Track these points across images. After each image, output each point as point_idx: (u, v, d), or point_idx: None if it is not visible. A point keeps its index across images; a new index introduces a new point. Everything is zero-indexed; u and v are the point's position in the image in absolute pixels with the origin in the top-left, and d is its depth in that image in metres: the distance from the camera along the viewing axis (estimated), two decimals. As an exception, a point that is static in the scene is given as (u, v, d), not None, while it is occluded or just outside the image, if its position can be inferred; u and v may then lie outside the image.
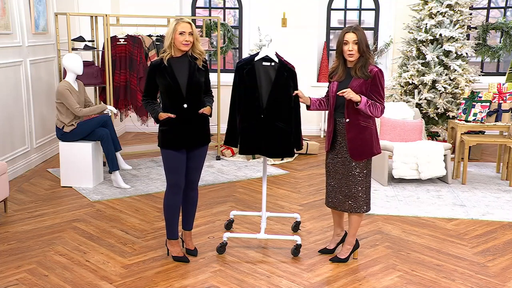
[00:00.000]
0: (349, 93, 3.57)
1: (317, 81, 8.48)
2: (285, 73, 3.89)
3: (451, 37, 7.04)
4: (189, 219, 4.02)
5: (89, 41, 6.44)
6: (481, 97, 6.05)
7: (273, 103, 3.89)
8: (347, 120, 3.71)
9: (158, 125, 3.81)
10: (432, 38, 7.12)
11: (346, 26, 5.14)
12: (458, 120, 6.13)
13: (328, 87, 3.86)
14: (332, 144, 3.83)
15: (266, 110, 3.90)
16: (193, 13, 8.72)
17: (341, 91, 3.60)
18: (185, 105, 3.71)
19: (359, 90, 3.64)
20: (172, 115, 3.69)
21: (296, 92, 3.89)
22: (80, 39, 6.35)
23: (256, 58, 3.92)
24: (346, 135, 3.73)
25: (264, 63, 3.92)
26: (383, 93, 3.69)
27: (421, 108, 7.11)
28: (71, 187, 5.63)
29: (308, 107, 3.95)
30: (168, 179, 3.81)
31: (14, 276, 3.68)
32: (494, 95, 6.01)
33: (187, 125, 3.74)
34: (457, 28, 7.06)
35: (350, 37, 3.63)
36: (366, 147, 3.74)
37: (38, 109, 6.53)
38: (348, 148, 3.75)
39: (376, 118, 3.83)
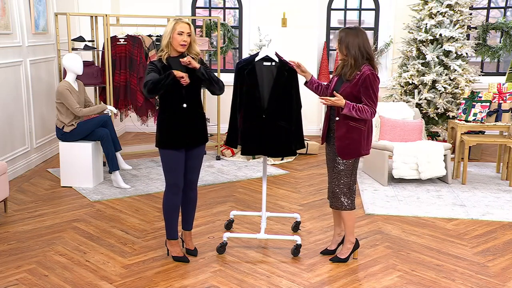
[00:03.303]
0: (328, 101, 3.64)
1: (317, 81, 8.47)
2: (285, 72, 3.89)
3: (451, 37, 7.04)
4: (189, 219, 4.02)
5: (89, 41, 6.44)
6: (481, 97, 6.05)
7: (275, 102, 3.90)
8: (337, 118, 3.74)
9: (156, 124, 3.81)
10: (432, 38, 7.12)
11: (346, 26, 5.14)
12: (458, 120, 6.12)
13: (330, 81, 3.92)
14: (327, 139, 3.88)
15: (268, 110, 3.90)
16: (193, 13, 8.71)
17: (323, 98, 3.69)
18: (185, 105, 3.71)
19: (349, 91, 3.66)
20: (185, 75, 3.57)
21: (296, 62, 3.91)
22: (80, 39, 6.35)
23: (257, 59, 3.92)
24: (335, 132, 3.76)
25: (264, 63, 3.92)
26: (374, 96, 3.66)
27: (421, 108, 7.11)
28: (71, 187, 5.63)
29: (305, 83, 3.96)
30: (167, 179, 3.81)
31: (14, 276, 3.68)
32: (494, 95, 6.00)
33: (185, 125, 3.74)
34: (457, 28, 7.06)
35: (337, 38, 3.72)
36: (353, 147, 3.74)
37: (38, 109, 6.53)
38: (335, 145, 3.76)
39: (373, 119, 3.83)
